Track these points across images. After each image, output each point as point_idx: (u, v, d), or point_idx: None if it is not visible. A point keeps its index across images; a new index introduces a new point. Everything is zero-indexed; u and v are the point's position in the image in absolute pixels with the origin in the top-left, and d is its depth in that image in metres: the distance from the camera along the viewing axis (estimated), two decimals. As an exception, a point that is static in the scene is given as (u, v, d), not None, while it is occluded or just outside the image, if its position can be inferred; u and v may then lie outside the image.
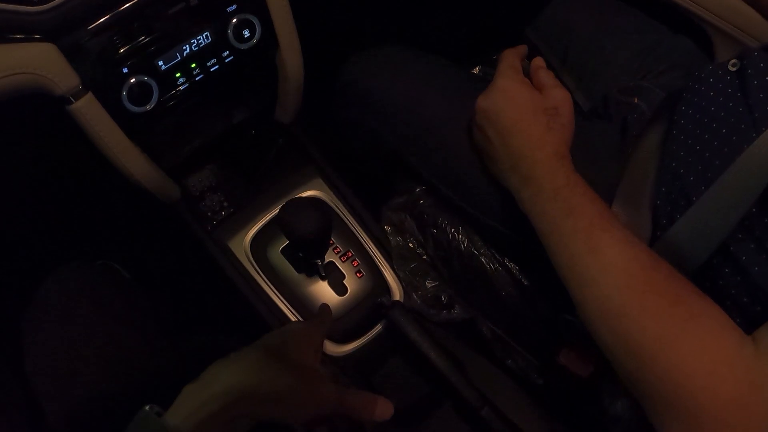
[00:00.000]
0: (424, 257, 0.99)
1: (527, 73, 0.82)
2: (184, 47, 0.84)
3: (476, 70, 1.24)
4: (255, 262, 1.00)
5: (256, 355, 0.61)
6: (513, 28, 1.16)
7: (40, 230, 1.25)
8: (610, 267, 0.61)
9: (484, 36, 1.30)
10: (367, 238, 1.02)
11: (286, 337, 0.68)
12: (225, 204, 1.08)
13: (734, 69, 0.72)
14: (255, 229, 1.03)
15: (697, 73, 0.75)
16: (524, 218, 0.74)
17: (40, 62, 0.73)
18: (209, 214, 1.07)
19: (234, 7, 0.85)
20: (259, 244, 1.02)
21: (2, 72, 0.71)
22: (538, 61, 0.84)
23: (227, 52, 0.88)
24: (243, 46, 0.89)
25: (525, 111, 0.75)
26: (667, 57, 0.98)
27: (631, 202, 0.78)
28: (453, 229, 0.95)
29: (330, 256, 1.00)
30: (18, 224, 1.22)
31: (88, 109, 0.79)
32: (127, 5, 0.77)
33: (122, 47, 0.79)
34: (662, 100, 0.85)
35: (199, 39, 0.85)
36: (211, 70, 0.88)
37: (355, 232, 1.03)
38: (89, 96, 0.79)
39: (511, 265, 0.93)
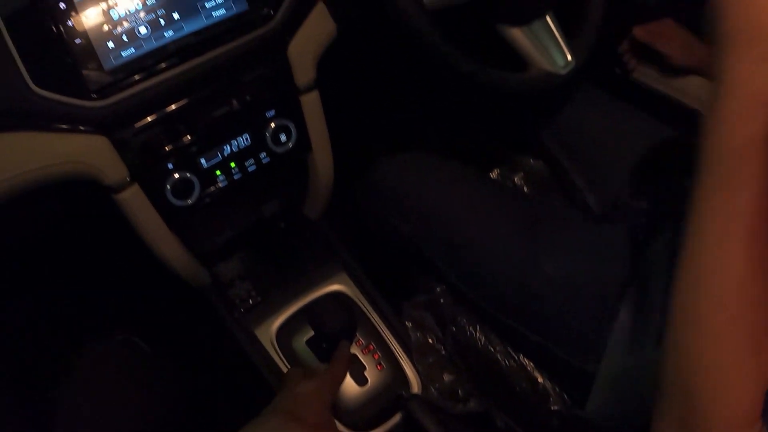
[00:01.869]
0: (443, 352, 1.02)
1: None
2: (225, 147, 0.91)
3: (494, 174, 1.30)
4: (280, 350, 1.03)
5: (277, 421, 0.65)
6: (529, 133, 1.22)
7: (67, 302, 1.29)
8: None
9: (501, 140, 1.37)
10: (389, 333, 1.05)
11: (298, 398, 0.71)
12: (253, 293, 1.11)
13: None
14: (281, 319, 1.06)
15: None
16: (540, 319, 0.77)
17: (93, 154, 0.80)
18: (237, 301, 1.10)
19: (273, 112, 0.93)
20: (285, 333, 1.05)
21: (57, 159, 0.77)
22: None
23: (264, 153, 0.95)
24: (279, 149, 0.95)
25: None
26: (676, 159, 1.04)
27: (640, 306, 0.81)
28: (471, 327, 0.99)
29: (352, 349, 1.02)
30: (44, 296, 1.26)
31: (134, 200, 0.85)
32: (175, 106, 0.84)
33: (168, 144, 0.86)
34: (669, 204, 0.90)
35: (239, 140, 0.92)
36: (249, 169, 0.95)
37: (377, 326, 1.06)
38: (135, 187, 0.85)
39: (525, 362, 0.96)
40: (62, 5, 0.75)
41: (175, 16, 0.82)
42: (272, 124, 0.93)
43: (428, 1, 0.84)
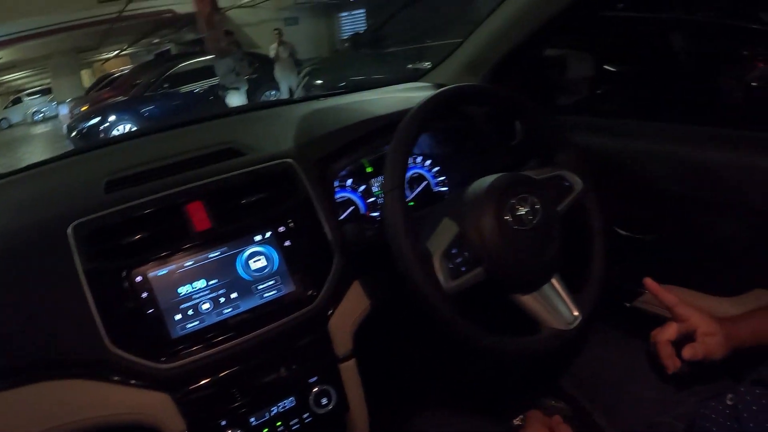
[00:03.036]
0: None
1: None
2: (273, 409, 1.01)
3: (518, 420, 1.35)
4: None
5: None
6: (548, 381, 1.30)
7: None
8: None
9: (524, 387, 1.44)
10: None
11: None
12: None
13: (731, 403, 0.86)
14: None
15: (703, 410, 0.90)
16: None
17: (155, 408, 0.91)
18: None
19: (315, 378, 1.04)
20: None
21: (123, 410, 0.88)
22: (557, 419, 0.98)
23: (307, 414, 1.04)
24: (320, 411, 1.04)
25: None
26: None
27: None
28: None
29: None
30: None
31: (191, 452, 0.94)
32: (230, 372, 0.96)
33: (223, 404, 0.96)
34: None
35: (285, 403, 1.01)
36: (293, 428, 1.03)
37: None
38: None
39: None
40: (138, 279, 0.91)
41: (233, 295, 0.98)
42: (315, 389, 1.03)
43: (447, 286, 0.96)
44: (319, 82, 7.03)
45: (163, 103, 10.00)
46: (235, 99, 8.28)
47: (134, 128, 9.31)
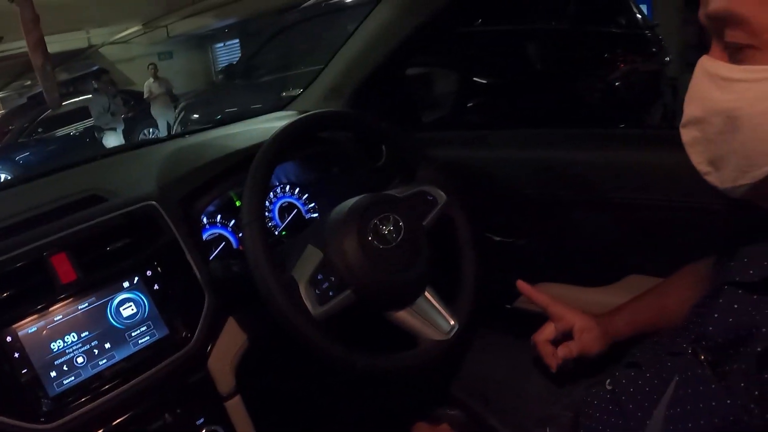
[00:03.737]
0: None
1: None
2: None
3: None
4: None
5: None
6: (440, 391, 1.33)
7: None
8: None
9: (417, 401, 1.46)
10: None
11: None
12: None
13: (610, 388, 0.91)
14: None
15: (587, 398, 0.95)
16: None
17: None
18: None
19: (202, 420, 1.01)
20: None
21: None
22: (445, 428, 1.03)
23: None
24: None
25: None
26: None
27: None
28: None
29: None
30: None
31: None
32: (115, 424, 0.93)
33: None
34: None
35: None
36: None
37: None
38: None
39: None
40: (8, 338, 0.87)
41: (107, 345, 0.95)
42: (203, 431, 1.01)
43: (316, 313, 0.96)
44: (195, 116, 6.95)
45: (39, 149, 9.49)
46: (112, 140, 8.03)
47: (9, 177, 8.78)
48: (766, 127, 0.58)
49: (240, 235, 1.29)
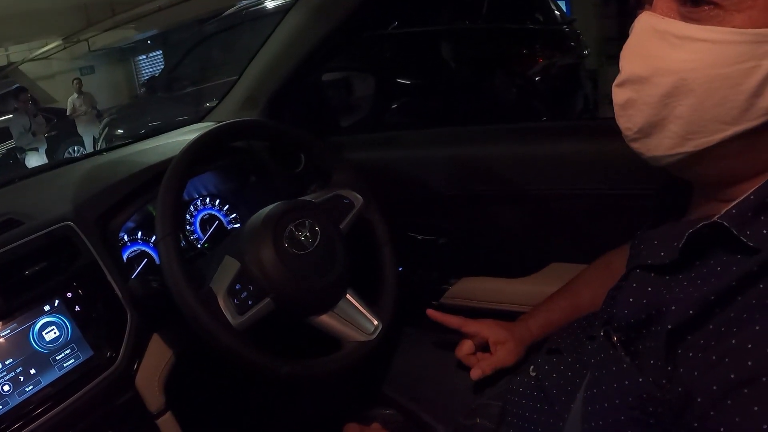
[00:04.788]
0: None
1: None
2: None
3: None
4: None
5: None
6: (373, 389, 1.34)
7: None
8: None
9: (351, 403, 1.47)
10: None
11: None
12: None
13: (533, 374, 0.94)
14: None
15: (513, 386, 0.99)
16: None
17: None
18: None
19: None
20: None
21: None
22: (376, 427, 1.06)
23: None
24: None
25: None
26: None
27: None
28: None
29: None
30: None
31: None
32: None
33: None
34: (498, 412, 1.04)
35: None
36: None
37: None
38: None
39: None
40: None
41: (32, 371, 0.93)
42: None
43: (236, 323, 0.96)
44: (119, 131, 6.80)
45: (-43, 175, 9.05)
46: (35, 160, 7.76)
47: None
48: (722, 93, 0.55)
49: None
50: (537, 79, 3.77)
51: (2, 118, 9.21)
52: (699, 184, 0.69)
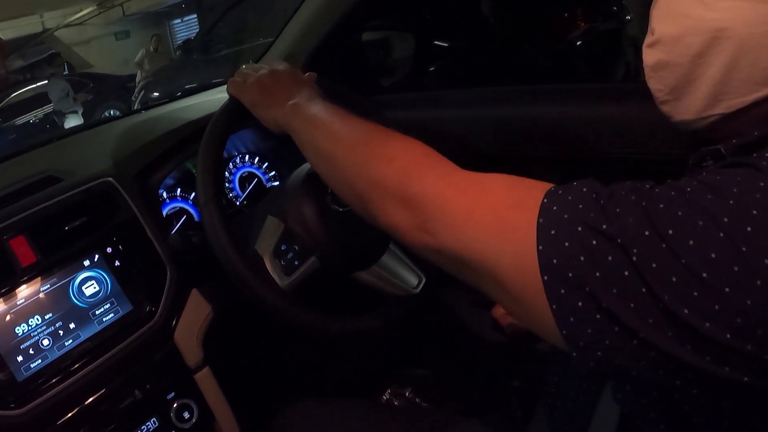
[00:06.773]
0: None
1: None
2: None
3: (387, 394, 1.39)
4: None
5: None
6: (411, 351, 1.34)
7: None
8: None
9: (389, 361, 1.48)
10: None
11: None
12: None
13: None
14: None
15: (547, 347, 0.97)
16: None
17: None
18: None
19: (173, 394, 1.02)
20: None
21: None
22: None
23: (173, 431, 1.02)
24: (185, 426, 1.03)
25: None
26: None
27: None
28: None
29: None
30: None
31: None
32: (87, 403, 0.94)
33: None
34: None
35: (149, 425, 1.00)
36: None
37: None
38: None
39: None
40: None
41: (72, 326, 0.95)
42: (174, 405, 1.02)
43: (284, 284, 0.95)
44: (155, 94, 6.81)
45: (-2, 139, 9.22)
46: (74, 122, 7.84)
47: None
48: (755, 52, 0.53)
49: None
50: (578, 43, 3.68)
51: (40, 83, 9.30)
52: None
